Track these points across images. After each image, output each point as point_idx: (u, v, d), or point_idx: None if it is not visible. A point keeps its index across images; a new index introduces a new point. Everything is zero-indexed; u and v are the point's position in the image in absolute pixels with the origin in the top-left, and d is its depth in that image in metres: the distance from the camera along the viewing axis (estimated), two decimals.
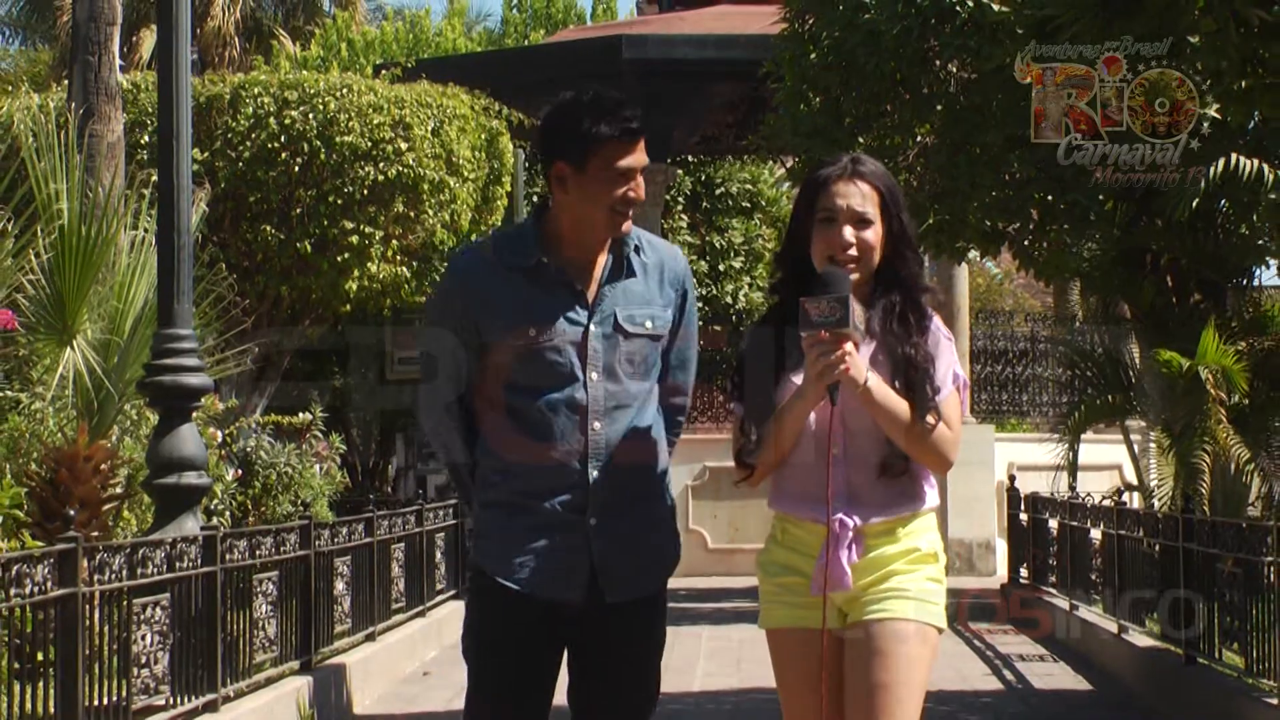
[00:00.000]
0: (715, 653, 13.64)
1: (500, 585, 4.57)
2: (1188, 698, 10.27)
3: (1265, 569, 9.09)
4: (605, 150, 4.54)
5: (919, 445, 4.45)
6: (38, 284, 10.78)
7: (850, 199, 4.52)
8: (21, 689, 6.65)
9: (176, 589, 8.24)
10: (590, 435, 4.55)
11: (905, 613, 4.47)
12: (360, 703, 11.23)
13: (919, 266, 4.62)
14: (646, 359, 4.64)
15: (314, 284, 18.77)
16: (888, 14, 15.57)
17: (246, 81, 19.22)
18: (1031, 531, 17.00)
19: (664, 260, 4.71)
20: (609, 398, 4.57)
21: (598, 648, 4.65)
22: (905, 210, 4.60)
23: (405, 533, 13.76)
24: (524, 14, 37.59)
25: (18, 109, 15.15)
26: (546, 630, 4.59)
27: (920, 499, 4.54)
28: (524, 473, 4.56)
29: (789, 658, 4.61)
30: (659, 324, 4.65)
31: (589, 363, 4.56)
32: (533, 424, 4.55)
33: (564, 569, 4.56)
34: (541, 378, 4.55)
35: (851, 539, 4.49)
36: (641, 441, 4.62)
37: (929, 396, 4.45)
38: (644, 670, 4.71)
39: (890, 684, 4.41)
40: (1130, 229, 15.04)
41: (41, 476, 9.55)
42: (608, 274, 4.62)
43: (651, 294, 4.66)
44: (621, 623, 4.63)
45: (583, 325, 4.57)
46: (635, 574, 4.62)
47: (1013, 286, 39.05)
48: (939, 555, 4.56)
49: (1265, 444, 13.45)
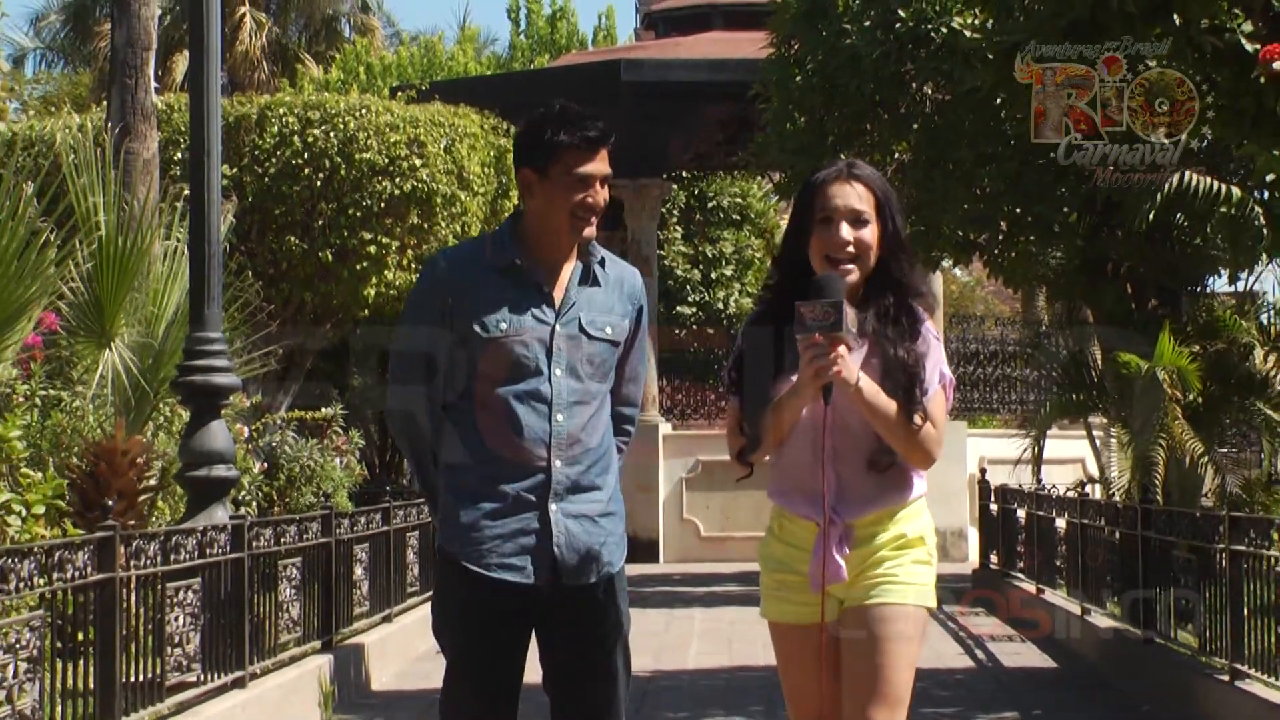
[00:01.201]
0: (708, 633, 13.65)
1: (464, 568, 4.54)
2: (1146, 675, 10.28)
3: (1217, 555, 9.10)
4: (565, 157, 4.54)
5: (906, 443, 4.41)
6: (78, 291, 10.78)
7: (847, 199, 4.46)
8: (64, 666, 6.66)
9: (207, 574, 8.24)
10: (554, 426, 4.54)
11: (894, 597, 4.43)
12: (378, 679, 11.23)
13: (912, 270, 4.55)
14: (605, 362, 4.64)
15: (334, 290, 18.79)
16: (867, 39, 15.61)
17: (272, 102, 19.24)
18: (1001, 521, 17.01)
19: (624, 276, 4.72)
20: (571, 393, 4.56)
21: (560, 628, 4.61)
22: (900, 214, 4.54)
23: (419, 521, 13.75)
24: (530, 40, 37.60)
25: (60, 129, 15.15)
26: (511, 610, 4.56)
27: (908, 489, 4.49)
28: (490, 460, 4.54)
29: (789, 649, 4.59)
30: (617, 331, 4.65)
31: (554, 359, 4.56)
32: (500, 414, 4.54)
33: (525, 553, 4.53)
34: (509, 370, 4.54)
35: (842, 534, 4.46)
36: (598, 436, 4.63)
37: (917, 397, 4.40)
38: (606, 649, 4.65)
39: (881, 665, 4.39)
40: (1092, 239, 15.05)
41: (82, 469, 9.55)
42: (575, 280, 4.63)
43: (612, 303, 4.66)
44: (581, 604, 4.60)
45: (549, 324, 4.57)
46: (592, 558, 4.59)
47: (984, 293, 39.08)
48: (926, 539, 4.50)
49: (1217, 439, 13.48)
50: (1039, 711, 9.95)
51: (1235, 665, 8.64)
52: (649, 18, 30.33)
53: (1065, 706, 10.13)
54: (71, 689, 6.71)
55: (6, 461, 8.74)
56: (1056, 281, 16.38)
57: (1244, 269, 14.57)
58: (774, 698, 4.78)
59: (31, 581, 6.26)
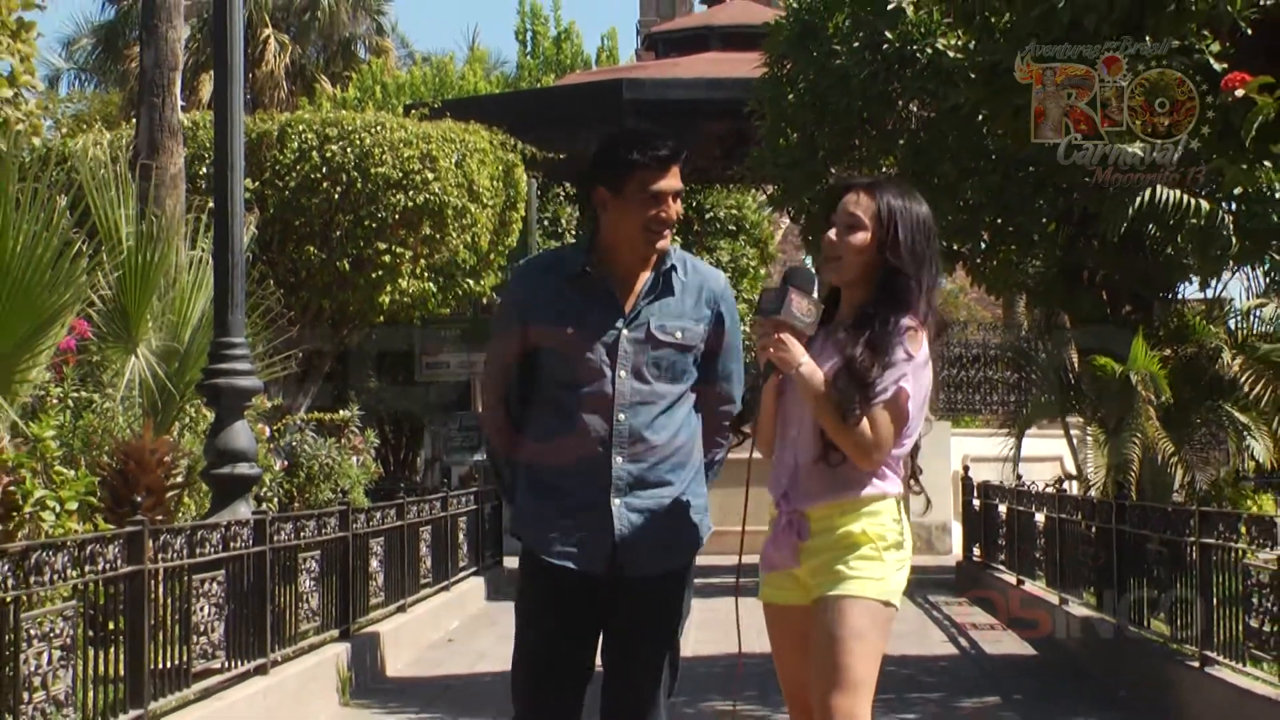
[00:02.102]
0: (707, 623, 13.57)
1: (534, 556, 4.62)
2: (1121, 662, 10.28)
3: (1187, 549, 9.10)
4: (638, 176, 4.57)
5: (841, 439, 4.41)
6: (107, 298, 10.78)
7: (847, 206, 4.50)
8: (95, 654, 6.65)
9: (231, 566, 8.25)
10: (615, 425, 4.56)
11: (847, 589, 4.43)
12: (392, 666, 11.23)
13: (906, 292, 4.47)
14: (675, 365, 4.64)
15: (351, 297, 18.78)
16: (856, 60, 15.63)
17: (292, 119, 19.23)
18: (983, 516, 17.01)
19: (704, 281, 4.72)
20: (635, 394, 4.58)
21: (622, 617, 4.64)
22: (918, 235, 4.48)
23: (432, 517, 13.76)
24: (536, 60, 37.59)
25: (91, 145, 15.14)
26: (575, 597, 4.60)
27: (859, 488, 4.46)
28: (557, 456, 4.59)
29: (773, 627, 4.66)
30: (689, 335, 4.65)
31: (619, 362, 4.58)
32: (567, 414, 4.58)
33: (588, 544, 4.57)
34: (576, 372, 4.58)
35: (793, 520, 4.49)
36: (667, 434, 4.63)
37: (854, 399, 4.37)
38: (660, 640, 4.69)
39: (835, 653, 4.39)
40: (1070, 249, 15.04)
41: (112, 467, 9.56)
42: (648, 289, 4.64)
43: (685, 309, 4.66)
44: (642, 595, 4.63)
45: (617, 330, 4.59)
46: (653, 552, 4.62)
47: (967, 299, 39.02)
48: (885, 537, 4.46)
49: (1188, 439, 13.45)
50: (1019, 696, 9.95)
51: (1205, 652, 8.64)
52: (650, 39, 30.37)
53: (1045, 692, 10.13)
54: (102, 675, 6.71)
55: (41, 460, 8.73)
56: (1036, 289, 16.37)
57: (1213, 277, 14.57)
58: (768, 682, 4.78)
59: (65, 573, 6.26)
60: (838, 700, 4.37)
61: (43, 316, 8.94)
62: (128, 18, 38.02)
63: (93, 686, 6.56)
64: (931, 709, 9.34)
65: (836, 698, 4.37)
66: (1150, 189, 11.25)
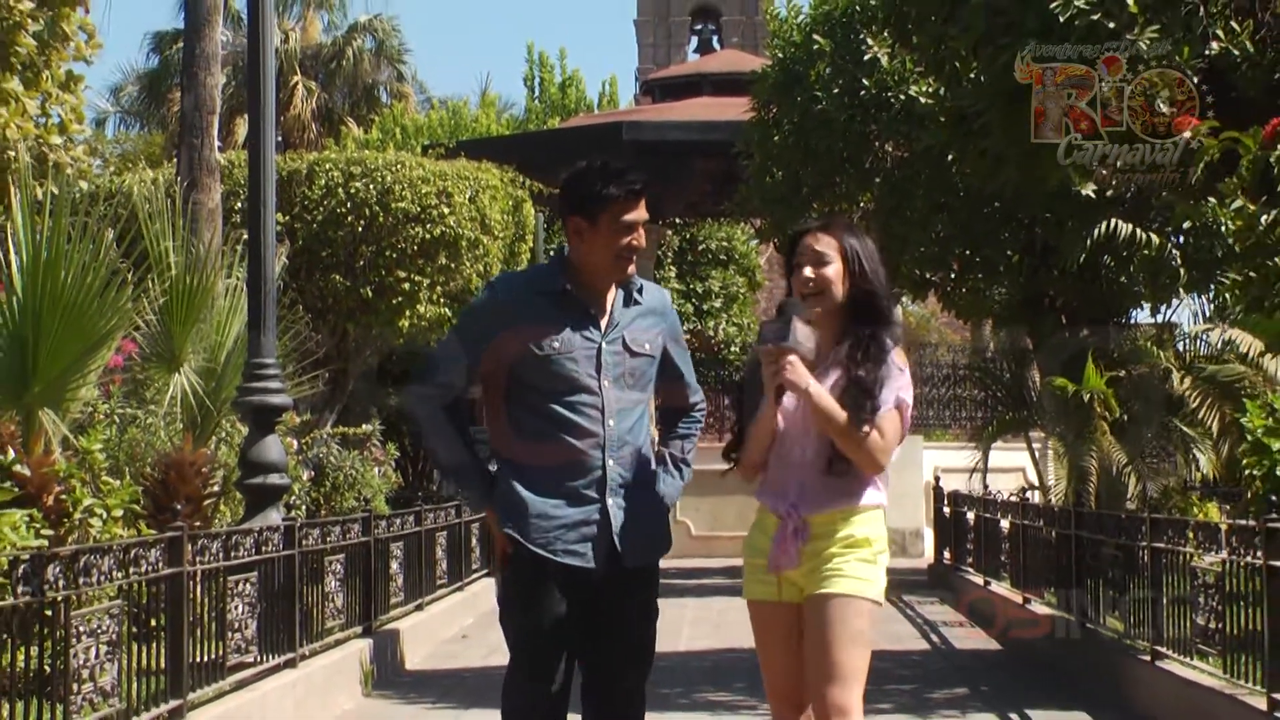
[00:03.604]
0: (698, 621, 13.62)
1: (533, 554, 4.54)
2: (1079, 656, 10.27)
3: (1140, 552, 9.10)
4: (612, 208, 4.56)
5: (854, 449, 4.45)
6: (151, 322, 10.79)
7: (812, 245, 4.57)
8: (138, 649, 6.66)
9: (263, 568, 8.24)
10: (606, 430, 4.56)
11: (840, 588, 4.45)
12: (411, 660, 11.22)
13: (884, 308, 4.57)
14: (645, 374, 4.67)
15: (373, 321, 18.80)
16: (836, 105, 15.69)
17: (320, 159, 19.27)
18: (953, 522, 17.00)
19: (656, 299, 4.76)
20: (618, 401, 4.59)
21: (607, 611, 4.61)
22: (874, 262, 4.57)
23: (447, 523, 13.75)
24: (543, 104, 37.63)
25: (136, 182, 15.16)
26: (571, 592, 4.56)
27: (858, 496, 4.51)
28: (553, 460, 4.55)
29: (760, 623, 4.64)
30: (654, 347, 4.69)
31: (603, 372, 4.58)
32: (560, 421, 4.55)
33: (587, 540, 4.55)
34: (564, 383, 4.56)
35: (798, 527, 4.51)
36: (642, 437, 4.65)
37: (866, 410, 4.44)
38: (643, 629, 4.68)
39: (830, 647, 4.41)
40: (1032, 278, 15.09)
41: (154, 477, 9.56)
42: (620, 305, 4.66)
43: (650, 323, 4.70)
44: (627, 588, 4.61)
45: (597, 342, 4.60)
46: (643, 544, 4.62)
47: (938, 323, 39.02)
48: (874, 542, 4.51)
49: (1140, 451, 13.48)
50: (986, 688, 9.94)
51: (1156, 647, 8.64)
52: (647, 85, 30.40)
53: (1009, 683, 10.13)
54: (145, 668, 6.71)
55: (90, 471, 8.74)
56: (1001, 314, 16.42)
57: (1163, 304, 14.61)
58: (756, 676, 4.77)
59: (111, 575, 6.26)
60: (835, 692, 4.39)
61: (92, 339, 8.94)
62: (170, 66, 38.09)
63: (136, 678, 6.56)
64: (905, 699, 9.33)
65: (834, 690, 4.39)
66: (1106, 223, 11.27)
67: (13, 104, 9.99)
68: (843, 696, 4.38)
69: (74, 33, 10.47)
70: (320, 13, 41.66)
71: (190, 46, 14.83)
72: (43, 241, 8.71)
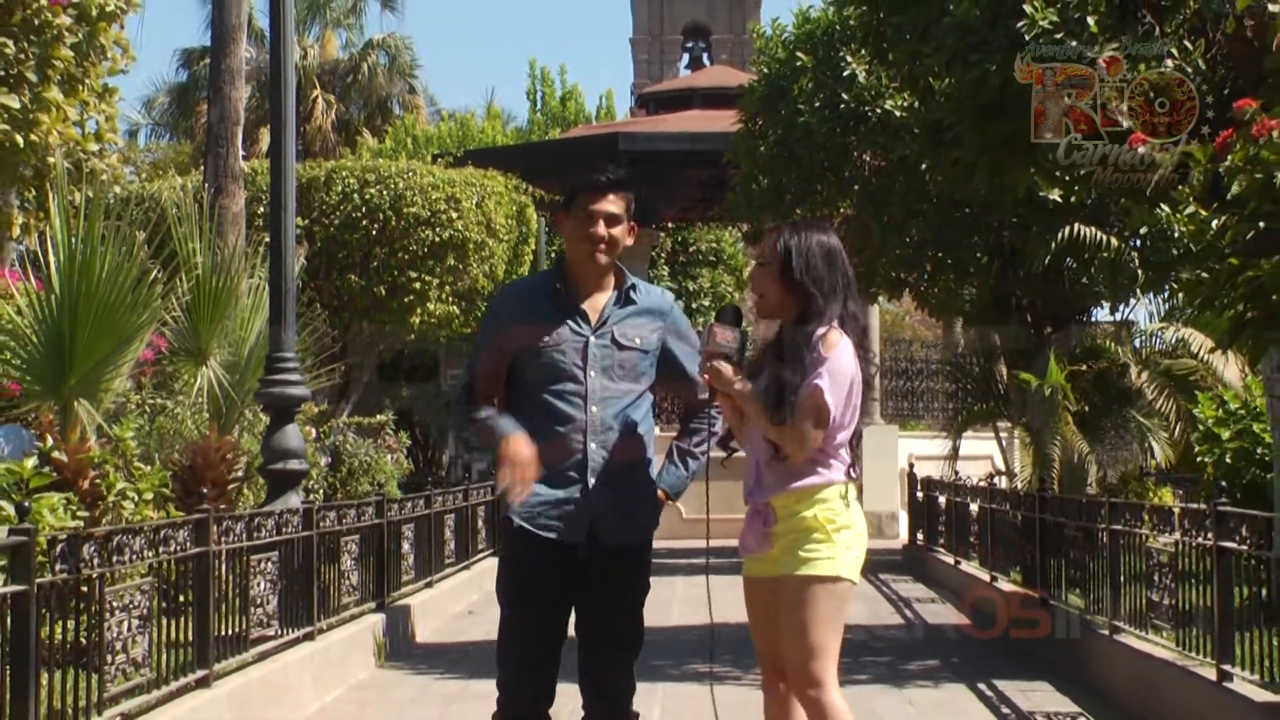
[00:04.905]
0: (689, 598, 13.62)
1: (520, 528, 4.59)
2: (1042, 630, 10.27)
3: (1099, 534, 9.11)
4: (580, 199, 4.66)
5: (776, 437, 4.51)
6: (179, 319, 10.78)
7: (759, 250, 4.70)
8: (167, 623, 6.67)
9: (283, 548, 8.25)
10: (589, 417, 4.59)
11: (797, 569, 4.50)
12: (421, 634, 11.23)
13: (815, 305, 4.53)
14: (636, 366, 4.68)
15: (387, 319, 18.81)
16: (818, 117, 15.72)
17: (337, 167, 19.27)
18: (926, 506, 17.02)
19: (656, 300, 4.79)
20: (603, 390, 4.61)
21: (595, 588, 4.64)
22: (814, 258, 4.55)
23: (455, 506, 13.75)
24: (545, 116, 37.63)
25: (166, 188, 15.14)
26: (555, 565, 4.59)
27: (806, 476, 4.51)
28: (541, 445, 4.56)
29: (748, 599, 4.71)
30: (646, 342, 4.70)
31: (589, 364, 4.61)
32: (547, 408, 4.60)
33: (568, 517, 4.58)
34: (553, 373, 4.60)
35: (761, 510, 4.58)
36: (629, 426, 4.65)
37: (783, 403, 4.47)
38: (630, 607, 4.70)
39: (797, 620, 4.47)
40: (1000, 279, 15.11)
41: (182, 463, 9.56)
42: (613, 303, 4.69)
43: (643, 321, 4.72)
44: (614, 566, 4.64)
45: (585, 337, 4.64)
46: (623, 524, 4.63)
47: (912, 321, 39.09)
48: (832, 519, 4.50)
49: (1100, 440, 13.52)
50: (957, 660, 9.96)
51: (1114, 622, 8.66)
52: (642, 99, 30.37)
53: (978, 656, 10.14)
54: (174, 640, 6.72)
55: (122, 457, 8.74)
56: (971, 312, 16.45)
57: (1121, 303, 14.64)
58: (743, 648, 4.80)
59: (142, 554, 6.28)
60: (804, 664, 4.45)
61: (124, 334, 8.93)
62: (198, 80, 38.08)
63: (165, 650, 6.57)
64: (881, 670, 9.35)
65: (804, 664, 4.45)
66: (1069, 227, 11.29)
67: (54, 111, 9.96)
68: (813, 667, 4.43)
69: (110, 47, 10.42)
70: (338, 31, 41.68)
71: (216, 62, 14.82)
72: (79, 243, 8.71)
